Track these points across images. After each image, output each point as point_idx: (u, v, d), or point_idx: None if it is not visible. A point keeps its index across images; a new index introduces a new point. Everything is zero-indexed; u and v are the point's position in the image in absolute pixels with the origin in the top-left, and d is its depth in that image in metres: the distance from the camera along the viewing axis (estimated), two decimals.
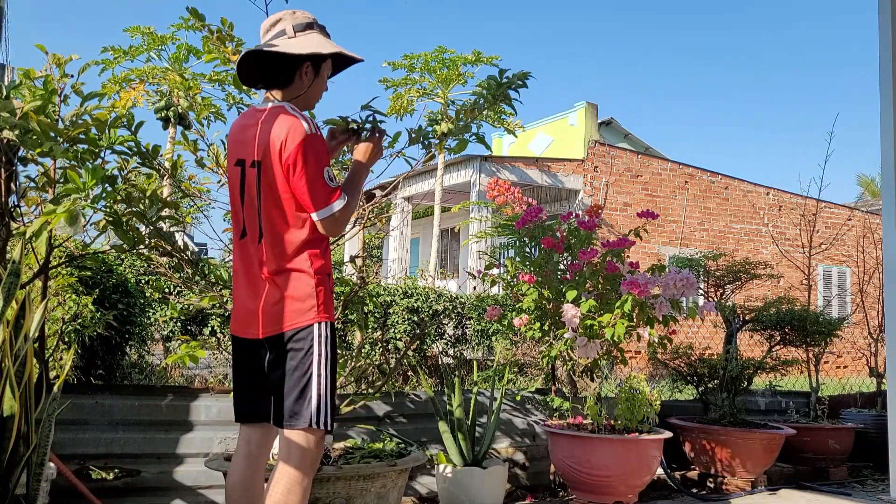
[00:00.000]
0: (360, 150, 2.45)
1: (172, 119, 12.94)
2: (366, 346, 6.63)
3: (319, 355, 2.17)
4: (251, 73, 2.35)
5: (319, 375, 2.16)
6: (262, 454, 2.33)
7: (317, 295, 2.19)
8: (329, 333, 2.20)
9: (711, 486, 4.61)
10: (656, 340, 3.71)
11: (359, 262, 3.53)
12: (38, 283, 3.01)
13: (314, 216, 2.18)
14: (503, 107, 3.07)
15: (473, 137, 3.09)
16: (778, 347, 5.30)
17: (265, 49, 2.23)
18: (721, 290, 5.35)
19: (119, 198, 2.64)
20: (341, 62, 2.49)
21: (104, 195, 2.57)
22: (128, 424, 3.33)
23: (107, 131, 2.86)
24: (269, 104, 2.27)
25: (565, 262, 4.09)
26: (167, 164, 3.27)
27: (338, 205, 2.18)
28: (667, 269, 3.71)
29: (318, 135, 2.19)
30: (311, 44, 2.26)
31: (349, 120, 2.52)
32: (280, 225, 2.18)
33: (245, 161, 2.23)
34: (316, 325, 2.17)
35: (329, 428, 2.17)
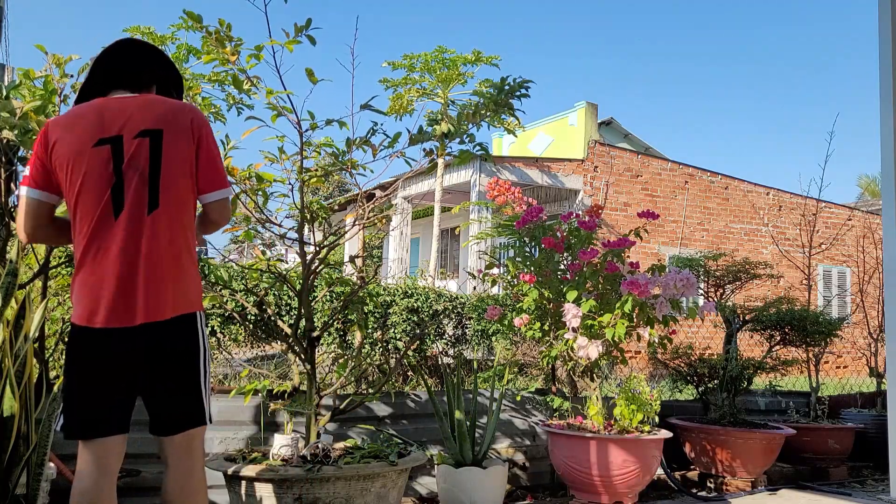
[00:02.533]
0: None
1: None
2: (366, 346, 6.63)
3: (205, 347, 2.07)
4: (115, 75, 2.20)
5: (206, 367, 2.07)
6: (116, 468, 2.04)
7: (198, 281, 2.12)
8: (207, 322, 2.14)
9: (711, 486, 4.61)
10: (656, 340, 3.71)
11: (359, 262, 3.53)
12: (38, 283, 3.01)
13: (215, 195, 2.14)
14: (503, 118, 3.09)
15: (478, 148, 3.10)
16: (778, 347, 5.30)
17: (174, 67, 2.30)
18: (721, 290, 5.35)
19: None
20: None
21: None
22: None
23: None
24: (127, 94, 2.17)
25: (565, 262, 4.09)
26: None
27: (231, 191, 2.19)
28: (667, 269, 3.71)
29: None
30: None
31: None
32: (184, 196, 2.09)
33: (122, 135, 2.04)
34: (200, 313, 2.10)
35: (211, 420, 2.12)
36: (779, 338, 5.31)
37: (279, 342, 3.27)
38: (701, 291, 5.35)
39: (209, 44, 2.83)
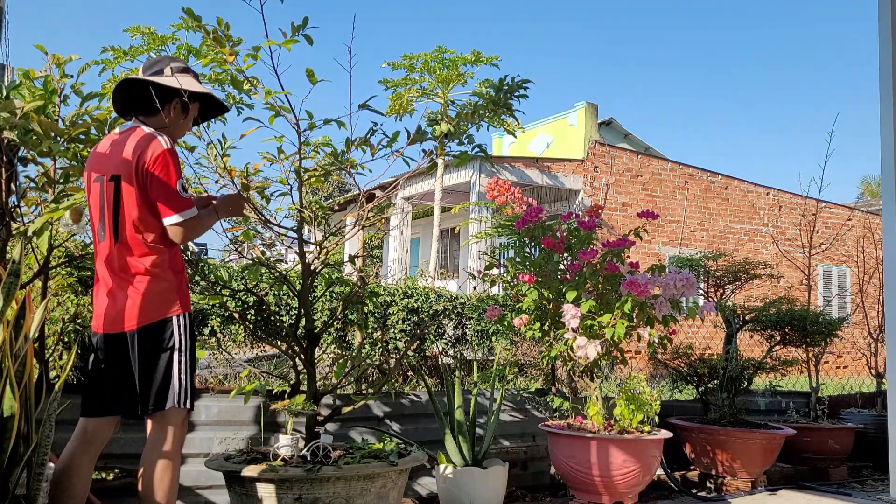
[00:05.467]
0: (225, 201, 2.71)
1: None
2: (366, 346, 6.63)
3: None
4: (126, 103, 2.57)
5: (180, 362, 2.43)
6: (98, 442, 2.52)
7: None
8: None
9: (711, 486, 4.61)
10: (656, 340, 3.70)
11: (358, 262, 3.52)
12: (38, 283, 3.01)
13: (166, 221, 2.40)
14: (503, 118, 3.09)
15: (476, 149, 3.11)
16: (778, 347, 5.30)
17: (142, 78, 2.50)
18: (721, 290, 5.35)
19: None
20: (210, 110, 2.77)
21: None
22: (128, 424, 3.32)
23: (106, 131, 2.87)
24: (124, 126, 2.50)
25: (565, 262, 4.09)
26: None
27: (188, 214, 2.41)
28: (667, 269, 3.71)
29: (174, 150, 2.42)
30: (184, 83, 2.53)
31: None
32: (136, 228, 2.39)
33: (103, 176, 2.43)
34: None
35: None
36: (779, 338, 5.30)
37: (279, 342, 3.27)
38: (701, 291, 5.35)
39: (207, 44, 2.82)
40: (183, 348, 2.41)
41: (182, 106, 2.57)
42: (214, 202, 2.71)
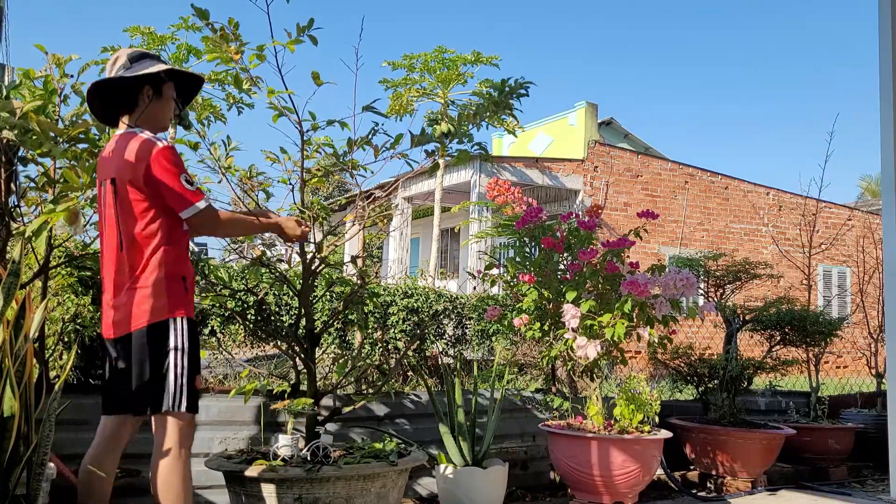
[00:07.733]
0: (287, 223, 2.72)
1: (172, 119, 12.91)
2: (366, 346, 6.63)
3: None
4: (103, 107, 2.57)
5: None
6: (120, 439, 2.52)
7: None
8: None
9: (711, 486, 4.61)
10: (656, 340, 3.70)
11: (359, 262, 3.53)
12: (38, 283, 3.01)
13: (183, 215, 2.43)
14: (503, 118, 3.11)
15: (476, 148, 3.11)
16: (778, 347, 5.30)
17: (104, 80, 2.50)
18: (721, 290, 5.35)
19: None
20: (192, 85, 2.72)
21: None
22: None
23: (107, 131, 2.87)
24: (120, 131, 2.51)
25: (565, 262, 4.09)
26: None
27: (202, 203, 2.41)
28: (667, 269, 3.71)
29: (170, 146, 2.43)
30: (144, 68, 2.51)
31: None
32: (137, 230, 2.40)
33: (105, 180, 2.45)
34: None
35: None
36: (779, 338, 5.30)
37: (279, 342, 3.27)
38: (701, 291, 5.35)
39: (212, 42, 2.82)
40: (179, 352, 2.39)
41: (154, 89, 2.54)
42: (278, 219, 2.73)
